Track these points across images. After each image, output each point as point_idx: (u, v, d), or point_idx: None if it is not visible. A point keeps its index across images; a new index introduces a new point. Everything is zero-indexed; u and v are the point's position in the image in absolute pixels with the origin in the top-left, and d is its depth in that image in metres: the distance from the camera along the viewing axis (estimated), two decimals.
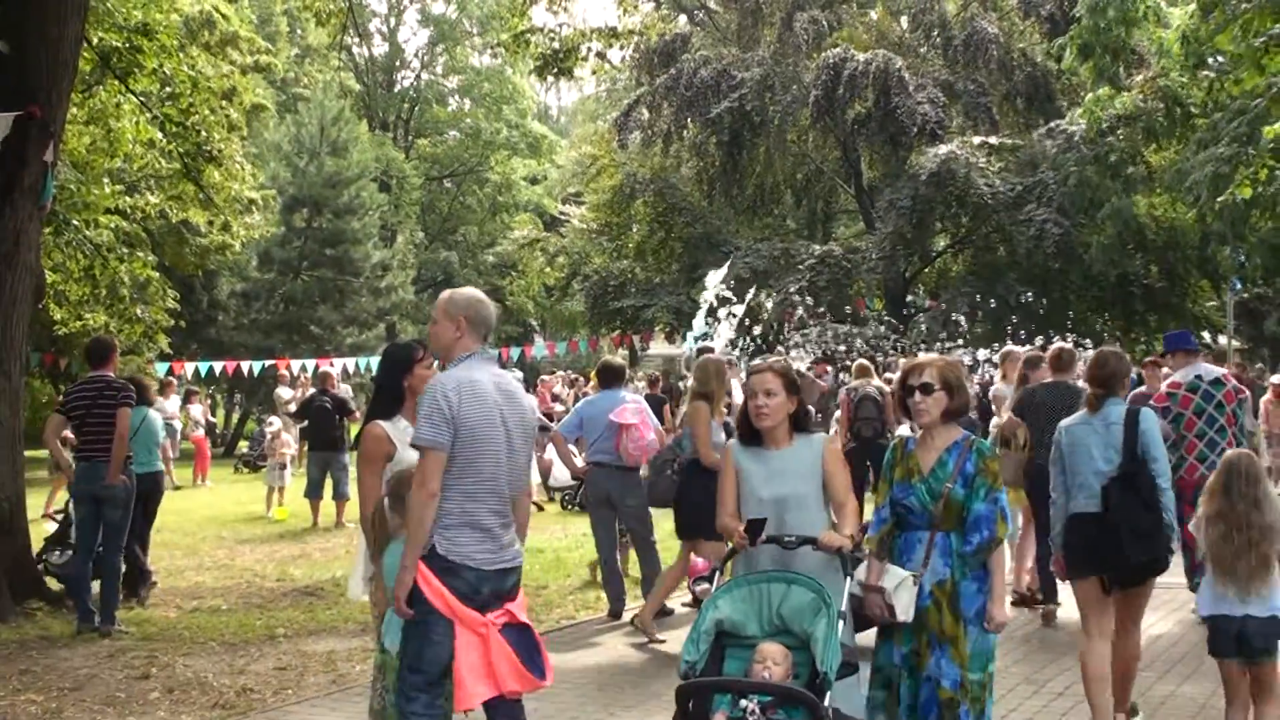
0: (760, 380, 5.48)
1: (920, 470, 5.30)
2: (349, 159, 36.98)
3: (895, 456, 5.44)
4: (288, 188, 34.90)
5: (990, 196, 29.34)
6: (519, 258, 45.95)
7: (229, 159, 17.61)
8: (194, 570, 13.30)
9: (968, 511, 5.18)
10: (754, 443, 5.54)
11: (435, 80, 60.45)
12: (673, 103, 33.40)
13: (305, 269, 35.46)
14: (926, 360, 5.42)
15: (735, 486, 5.52)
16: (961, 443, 5.30)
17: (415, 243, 50.57)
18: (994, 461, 5.24)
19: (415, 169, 54.32)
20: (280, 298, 34.95)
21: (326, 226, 35.87)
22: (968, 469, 5.20)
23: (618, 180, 35.10)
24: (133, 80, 14.64)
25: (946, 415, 5.30)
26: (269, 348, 32.24)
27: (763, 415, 5.43)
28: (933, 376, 5.28)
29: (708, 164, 35.51)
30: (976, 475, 5.19)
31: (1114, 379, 6.69)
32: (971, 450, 5.26)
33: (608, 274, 35.16)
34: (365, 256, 36.80)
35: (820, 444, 5.56)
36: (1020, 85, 32.12)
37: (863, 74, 30.28)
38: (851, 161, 34.62)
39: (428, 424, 4.87)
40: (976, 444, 5.30)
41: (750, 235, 34.38)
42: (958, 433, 5.35)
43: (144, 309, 19.51)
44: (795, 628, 4.98)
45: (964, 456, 5.23)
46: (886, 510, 5.39)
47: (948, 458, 5.26)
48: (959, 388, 5.30)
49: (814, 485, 5.43)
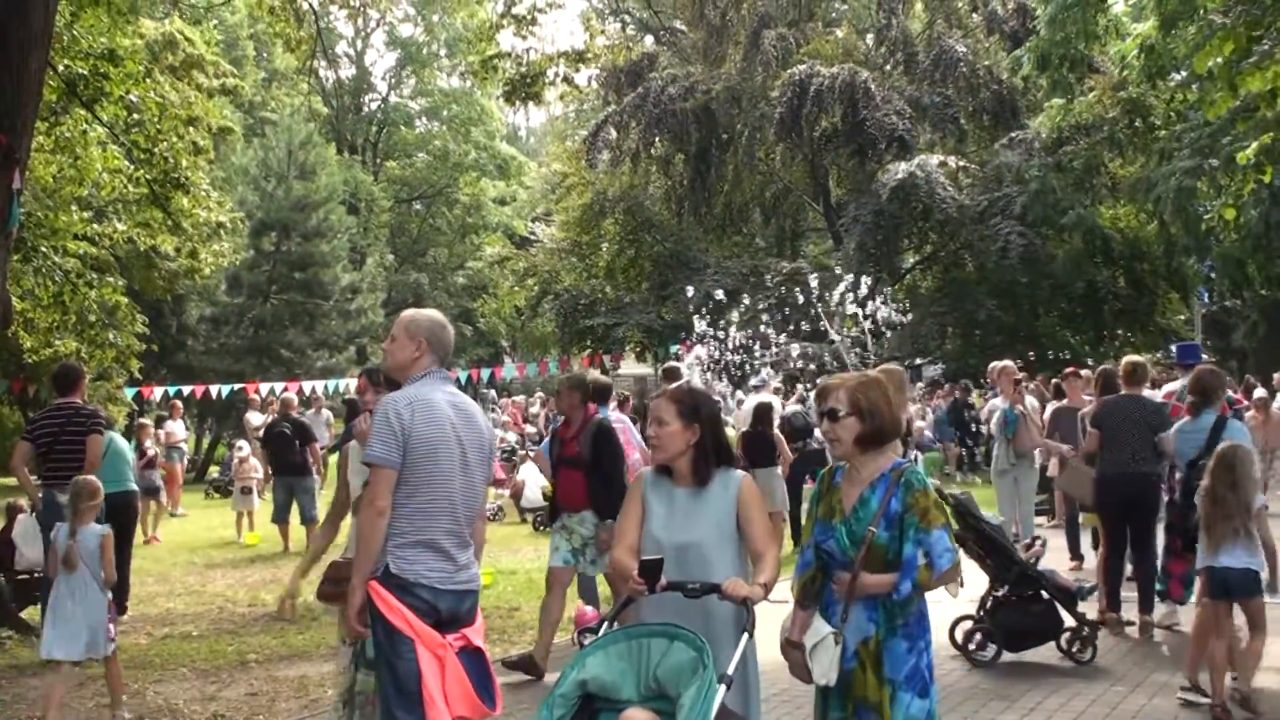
0: (654, 407, 4.92)
1: (842, 508, 4.60)
2: (317, 182, 36.87)
3: (821, 489, 4.75)
4: (256, 212, 34.76)
5: (955, 210, 29.55)
6: (489, 277, 45.98)
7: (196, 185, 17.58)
8: (165, 596, 13.26)
9: (895, 557, 4.45)
10: (667, 475, 4.87)
11: (403, 102, 60.50)
12: (640, 121, 33.58)
13: (274, 293, 35.33)
14: (836, 382, 4.69)
15: (639, 521, 4.84)
16: (889, 475, 4.54)
17: (385, 265, 50.47)
18: (925, 496, 4.44)
19: (384, 191, 54.33)
20: (249, 322, 34.79)
21: (295, 250, 35.75)
22: (893, 507, 4.47)
23: (587, 198, 35.23)
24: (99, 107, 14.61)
25: (863, 443, 4.55)
26: (238, 372, 32.10)
27: (654, 446, 4.85)
28: (840, 400, 4.56)
29: (676, 182, 35.69)
30: (905, 513, 4.44)
31: (1210, 392, 8.81)
32: (899, 484, 4.49)
33: (578, 293, 35.26)
34: (334, 279, 36.69)
35: (736, 484, 4.80)
36: (986, 102, 32.39)
37: (829, 89, 30.48)
38: (819, 178, 34.84)
39: (378, 441, 4.86)
40: (906, 475, 4.52)
41: (719, 253, 34.57)
42: (886, 461, 4.61)
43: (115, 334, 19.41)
44: (671, 691, 4.24)
45: (890, 492, 4.48)
46: (811, 552, 4.68)
47: (871, 494, 4.54)
48: (872, 411, 4.52)
49: (724, 533, 4.73)
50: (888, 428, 4.59)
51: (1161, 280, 30.42)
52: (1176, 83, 21.45)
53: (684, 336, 30.35)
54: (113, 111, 14.93)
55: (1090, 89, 25.06)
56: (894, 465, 4.59)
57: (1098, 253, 29.21)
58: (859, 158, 31.99)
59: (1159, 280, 30.50)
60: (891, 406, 4.62)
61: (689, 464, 4.79)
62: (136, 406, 26.66)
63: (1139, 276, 30.40)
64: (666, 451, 4.80)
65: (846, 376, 4.74)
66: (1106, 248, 29.19)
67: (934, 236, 32.43)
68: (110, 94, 14.39)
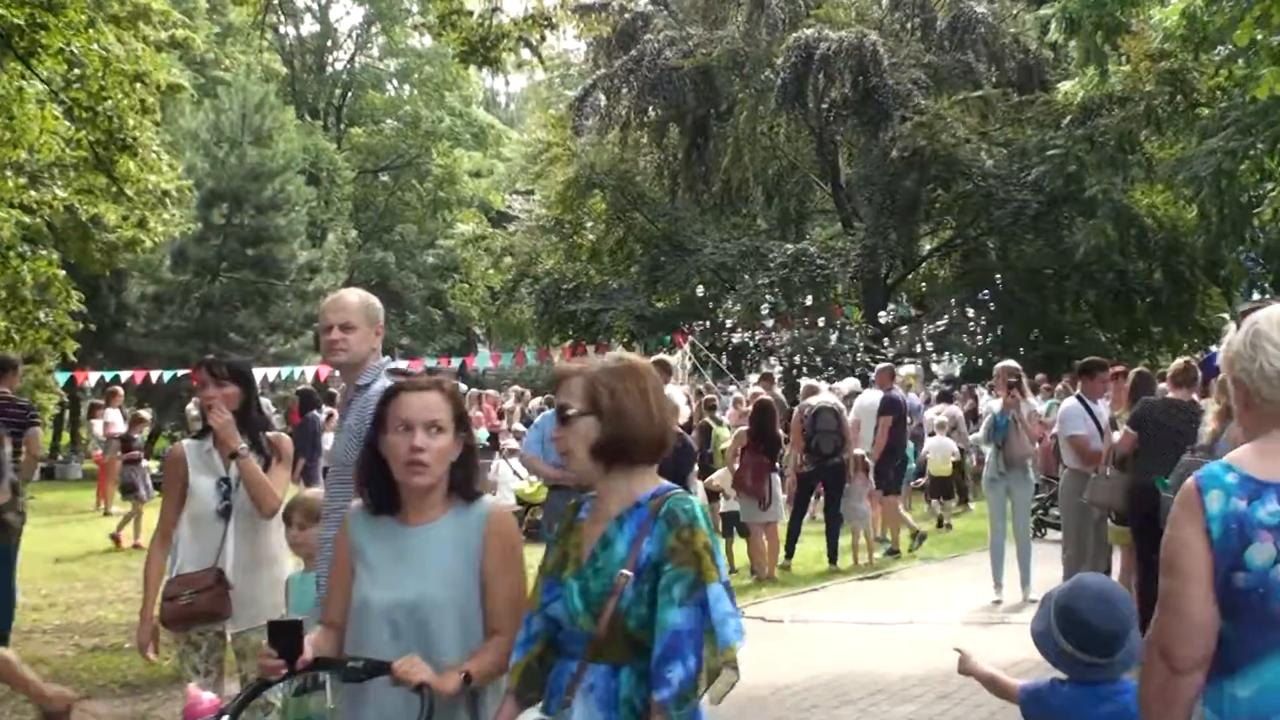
0: (421, 405, 3.75)
1: (577, 555, 3.51)
2: (274, 149, 36.79)
3: (561, 526, 3.68)
4: (206, 180, 34.65)
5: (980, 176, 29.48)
6: (462, 257, 45.90)
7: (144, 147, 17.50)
8: (95, 604, 13.19)
9: (654, 627, 3.29)
10: (386, 509, 3.82)
11: (371, 63, 60.33)
12: (633, 86, 33.53)
13: (224, 270, 35.24)
14: (574, 367, 3.61)
15: (348, 579, 3.83)
16: (645, 506, 3.42)
17: (347, 242, 50.35)
18: (696, 535, 3.30)
19: (348, 161, 54.17)
20: (196, 301, 34.71)
21: (248, 223, 35.66)
22: (648, 552, 3.34)
23: (572, 172, 35.12)
24: (37, 61, 14.52)
25: (604, 456, 3.46)
26: (182, 357, 31.97)
27: (418, 468, 3.71)
28: (572, 394, 3.50)
29: (670, 155, 35.63)
30: (665, 562, 3.30)
31: None
32: (658, 518, 3.37)
33: (560, 276, 35.25)
34: (291, 257, 36.63)
35: (481, 516, 3.81)
36: (1012, 73, 32.33)
37: (836, 53, 30.34)
38: (827, 155, 34.78)
39: None
40: (670, 505, 3.38)
41: (717, 235, 34.54)
42: (641, 487, 3.49)
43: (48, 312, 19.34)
44: None
45: (644, 530, 3.37)
46: (538, 620, 3.55)
47: (617, 534, 3.43)
48: (618, 411, 3.43)
49: (464, 587, 3.73)
50: (641, 436, 3.46)
51: (1201, 274, 30.42)
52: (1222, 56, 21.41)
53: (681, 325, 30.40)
54: (52, 66, 14.85)
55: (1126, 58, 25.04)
56: (654, 492, 3.46)
57: (1131, 242, 29.21)
58: (870, 130, 31.86)
59: (1198, 274, 30.50)
60: (651, 407, 3.49)
61: (438, 490, 3.82)
62: (66, 395, 26.55)
63: (1176, 269, 30.40)
64: (435, 475, 3.76)
65: (589, 362, 3.64)
66: (1141, 237, 29.19)
67: (954, 205, 32.35)
68: (49, 46, 14.30)
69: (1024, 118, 30.90)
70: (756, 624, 11.43)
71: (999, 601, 12.32)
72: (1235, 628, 2.96)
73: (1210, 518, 2.94)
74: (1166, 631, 3.01)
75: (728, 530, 14.88)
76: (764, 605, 12.47)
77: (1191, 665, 2.98)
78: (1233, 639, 2.97)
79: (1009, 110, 31.70)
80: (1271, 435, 3.04)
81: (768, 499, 13.77)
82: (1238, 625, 2.95)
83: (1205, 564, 2.94)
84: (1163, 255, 30.10)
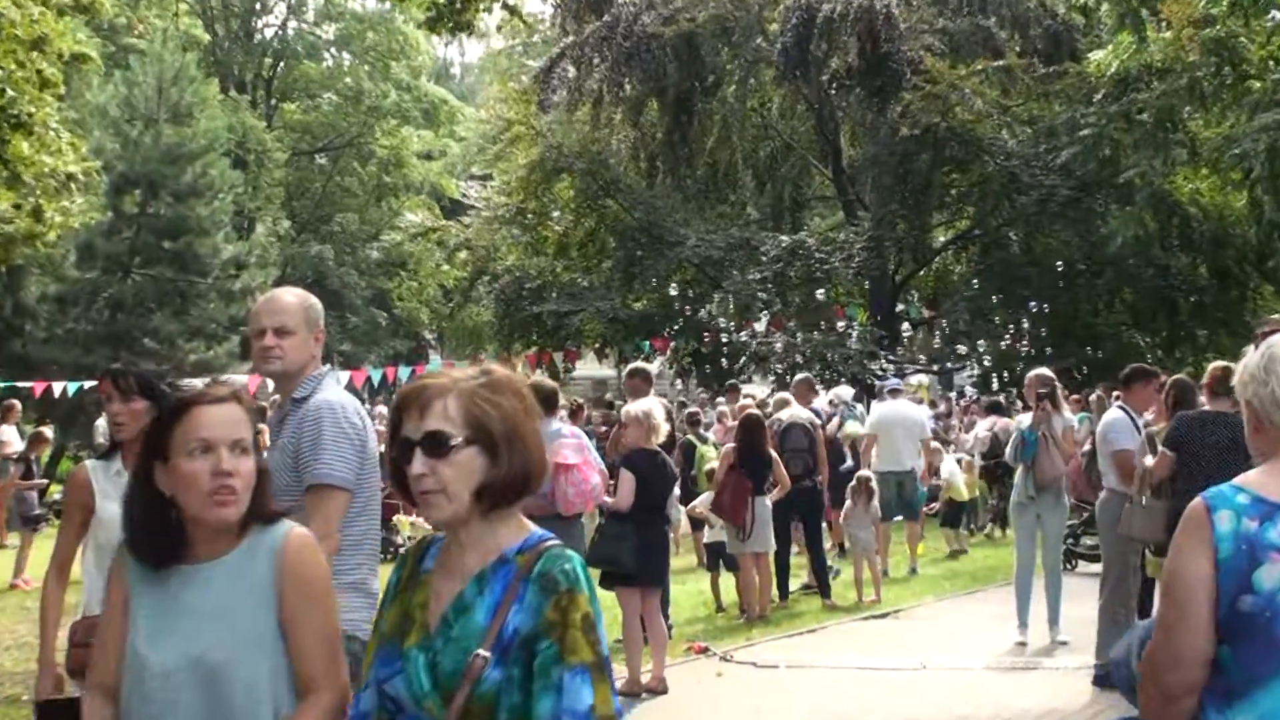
0: (222, 420, 3.51)
1: (424, 619, 3.13)
2: (194, 127, 36.67)
3: (399, 577, 3.28)
4: (116, 163, 34.51)
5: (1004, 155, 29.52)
6: (411, 252, 45.84)
7: (42, 125, 17.43)
8: None
9: None
10: (170, 556, 3.54)
11: (306, 29, 60.18)
12: (606, 56, 33.51)
13: (137, 266, 35.10)
14: (436, 383, 3.13)
15: (121, 633, 3.55)
16: (513, 562, 3.07)
17: (279, 234, 50.27)
18: (576, 603, 2.97)
19: (279, 141, 54.02)
20: (105, 302, 34.56)
21: (165, 213, 35.53)
22: (516, 624, 3.00)
23: (536, 154, 35.06)
24: None
25: (492, 499, 3.08)
26: (89, 366, 31.85)
27: (227, 497, 3.45)
28: (448, 416, 3.06)
29: (648, 135, 35.63)
30: (540, 638, 2.97)
31: None
32: (530, 579, 3.02)
33: (522, 273, 35.19)
34: (214, 251, 36.49)
35: (274, 543, 3.55)
36: (1038, 41, 32.35)
37: (843, 17, 30.33)
38: (827, 133, 34.81)
39: (338, 458, 4.89)
40: (546, 561, 3.05)
41: (701, 226, 34.54)
42: (511, 536, 3.13)
43: None
44: None
45: (512, 594, 3.02)
46: (369, 696, 3.17)
47: (476, 597, 3.06)
48: (509, 437, 3.08)
49: (261, 634, 3.46)
50: (535, 473, 3.14)
51: (1253, 270, 30.50)
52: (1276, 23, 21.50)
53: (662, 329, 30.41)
54: None
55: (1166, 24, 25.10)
56: (523, 544, 3.11)
57: (1173, 233, 29.27)
58: (877, 106, 31.83)
59: (1249, 270, 30.58)
60: (539, 433, 3.22)
61: None
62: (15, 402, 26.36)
63: (1224, 264, 30.48)
64: (240, 505, 3.50)
65: (453, 375, 3.19)
66: (1184, 227, 29.25)
67: (970, 208, 32.46)
68: None
69: (1051, 91, 30.86)
70: (747, 670, 11.43)
71: (1024, 643, 12.25)
72: (1236, 652, 3.20)
73: (1220, 537, 3.23)
74: (1160, 657, 3.32)
75: (714, 563, 14.84)
76: (756, 648, 12.43)
77: (1183, 692, 3.28)
78: (1232, 664, 3.22)
79: (1034, 83, 31.71)
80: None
81: (749, 526, 13.65)
82: (1240, 650, 3.20)
83: (1207, 589, 3.22)
84: (1209, 248, 30.17)
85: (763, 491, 13.80)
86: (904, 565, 17.52)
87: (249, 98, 55.24)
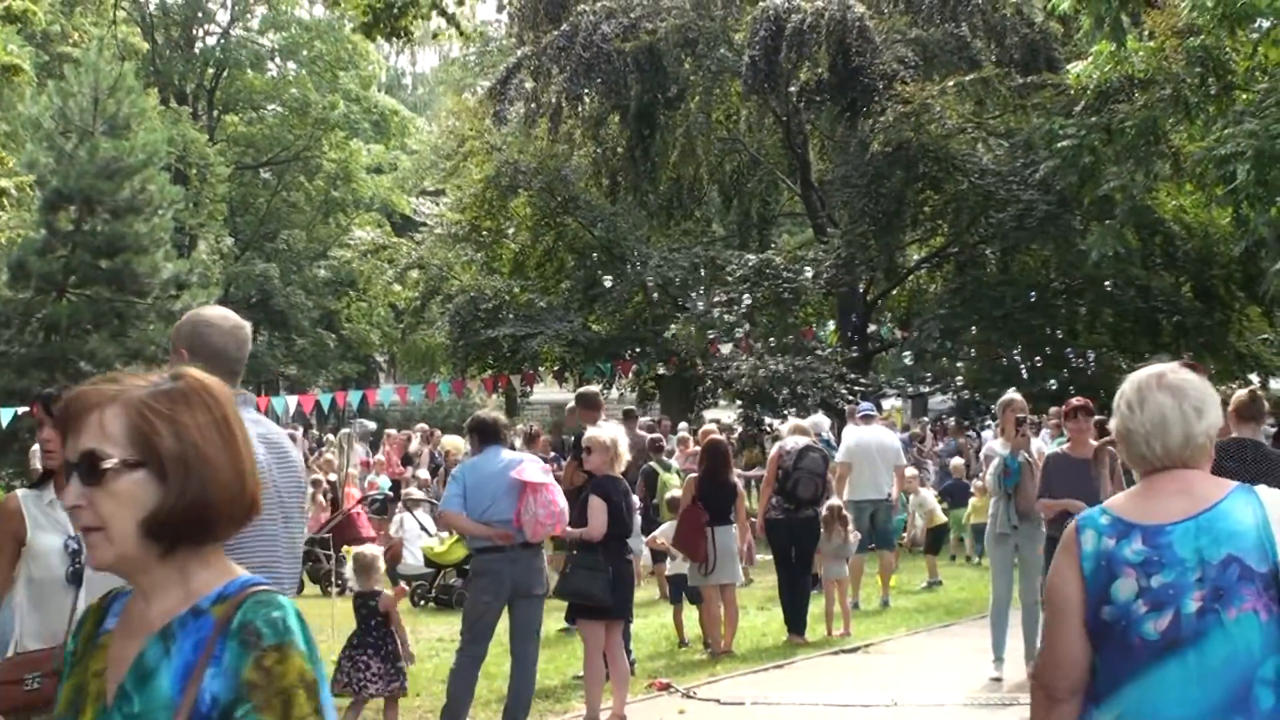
0: None
1: (100, 688, 2.67)
2: (132, 140, 36.55)
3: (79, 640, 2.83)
4: (50, 178, 34.38)
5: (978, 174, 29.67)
6: (360, 270, 45.79)
7: None
8: None
9: None
10: None
11: (249, 38, 60.10)
12: (565, 67, 33.55)
13: (73, 286, 34.98)
14: (102, 391, 2.64)
15: None
16: (207, 614, 2.62)
17: (221, 252, 50.15)
18: (293, 660, 2.53)
19: (222, 154, 53.90)
20: (39, 323, 34.44)
21: (102, 230, 35.40)
22: (213, 691, 2.55)
23: (491, 169, 35.06)
24: None
25: (164, 534, 2.60)
26: (22, 390, 31.73)
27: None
28: (106, 433, 2.60)
29: (609, 149, 35.69)
30: (240, 704, 2.52)
31: None
32: (229, 634, 2.57)
33: (477, 294, 35.13)
34: (154, 270, 36.35)
35: None
36: (1014, 51, 32.50)
37: (813, 28, 30.43)
38: (796, 147, 34.93)
39: None
40: (246, 612, 2.59)
41: (665, 244, 34.59)
42: (209, 581, 2.67)
43: None
44: None
45: (207, 655, 2.57)
46: None
47: (161, 659, 2.61)
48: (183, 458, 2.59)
49: None
50: (226, 500, 2.66)
51: (1238, 290, 30.63)
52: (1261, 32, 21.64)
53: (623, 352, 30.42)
54: None
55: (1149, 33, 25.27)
56: (221, 591, 2.66)
57: (1155, 251, 29.43)
58: (849, 120, 31.95)
59: (1234, 290, 30.72)
60: (239, 452, 2.70)
61: None
62: None
63: (1209, 284, 30.64)
64: None
65: (127, 381, 2.68)
66: (1167, 245, 29.42)
67: (945, 225, 32.61)
68: None
69: (1028, 103, 31.00)
70: (711, 707, 11.44)
71: (999, 679, 12.27)
72: (1102, 658, 3.76)
73: (1084, 555, 3.79)
74: (1043, 661, 3.95)
75: (676, 596, 14.85)
76: (720, 685, 12.42)
77: (1066, 694, 3.83)
78: (1100, 668, 3.77)
79: (1011, 94, 31.92)
80: (1145, 481, 3.89)
81: (711, 560, 13.66)
82: (1104, 655, 3.76)
83: (1078, 600, 3.78)
84: (1192, 267, 30.35)
85: (727, 520, 13.80)
86: (875, 597, 17.60)
87: (190, 109, 55.10)
